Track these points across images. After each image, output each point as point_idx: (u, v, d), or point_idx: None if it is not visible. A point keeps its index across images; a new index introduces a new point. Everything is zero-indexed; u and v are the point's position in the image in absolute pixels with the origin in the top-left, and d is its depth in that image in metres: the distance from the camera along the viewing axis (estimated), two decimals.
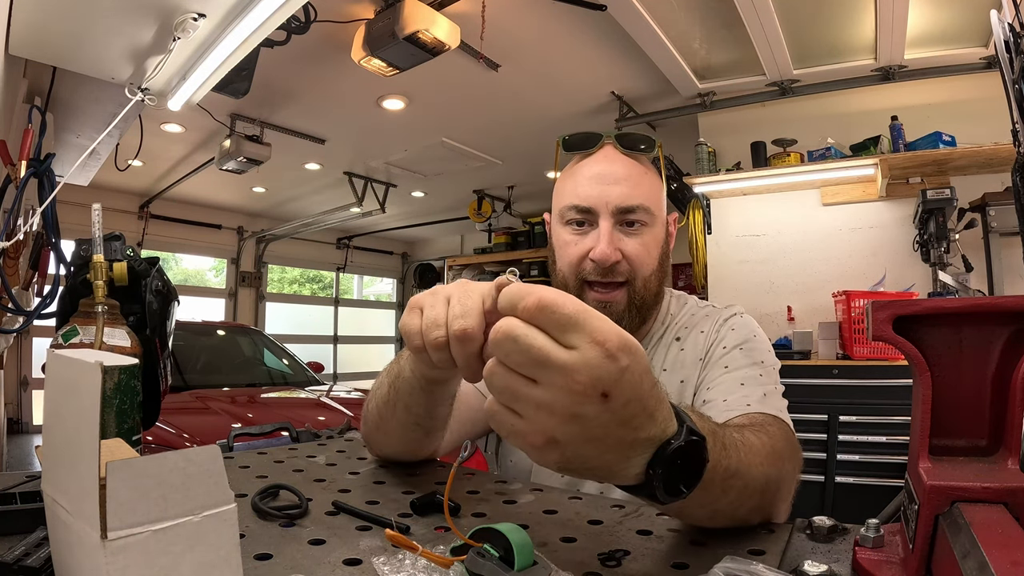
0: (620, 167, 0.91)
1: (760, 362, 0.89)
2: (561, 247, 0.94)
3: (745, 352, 0.90)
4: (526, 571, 0.45)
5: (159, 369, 0.94)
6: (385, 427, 0.80)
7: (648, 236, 0.91)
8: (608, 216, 0.89)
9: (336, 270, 8.92)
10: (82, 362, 0.36)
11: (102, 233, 0.85)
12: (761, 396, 0.82)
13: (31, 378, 5.57)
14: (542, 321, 0.40)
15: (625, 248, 0.89)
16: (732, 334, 0.93)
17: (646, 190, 0.91)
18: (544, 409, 0.40)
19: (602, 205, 0.89)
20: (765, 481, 0.60)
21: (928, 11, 3.00)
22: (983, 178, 3.24)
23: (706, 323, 0.97)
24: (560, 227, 0.95)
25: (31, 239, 1.53)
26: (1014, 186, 1.69)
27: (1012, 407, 0.46)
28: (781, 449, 0.67)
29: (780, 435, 0.72)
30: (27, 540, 0.50)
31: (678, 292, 1.06)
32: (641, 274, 0.90)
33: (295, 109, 4.30)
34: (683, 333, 0.98)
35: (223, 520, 0.36)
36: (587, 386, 0.39)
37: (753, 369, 0.87)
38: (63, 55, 1.60)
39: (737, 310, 0.99)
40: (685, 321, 1.00)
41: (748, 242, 3.90)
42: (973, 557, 0.36)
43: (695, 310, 1.01)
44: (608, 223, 0.89)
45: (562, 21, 3.14)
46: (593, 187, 0.90)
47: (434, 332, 0.54)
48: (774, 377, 0.88)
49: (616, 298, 0.90)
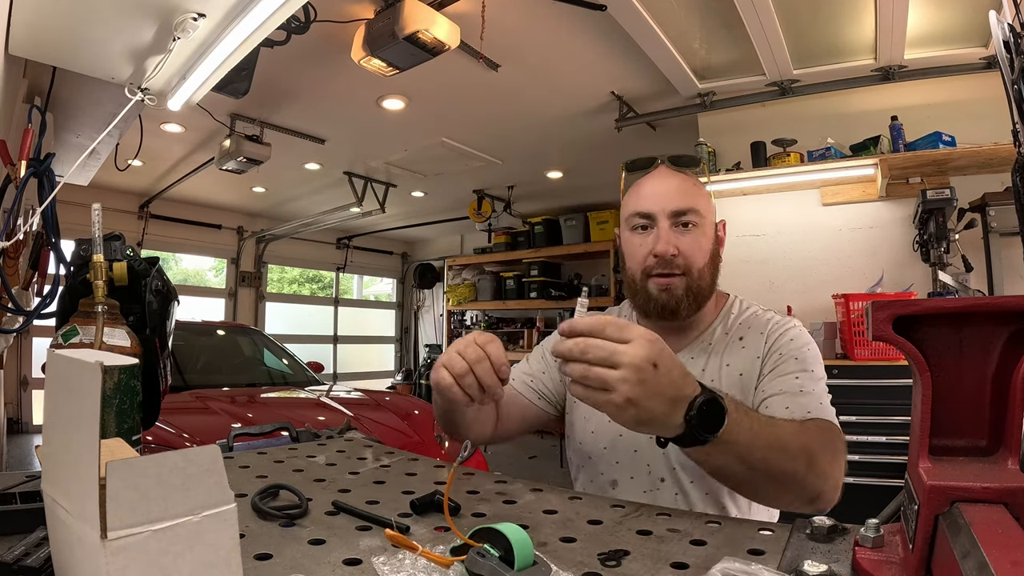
0: (673, 180, 1.11)
1: (812, 370, 1.02)
2: (630, 249, 1.12)
3: (800, 361, 1.03)
4: (526, 571, 0.45)
5: (159, 369, 0.94)
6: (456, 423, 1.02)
7: (699, 234, 1.08)
8: (665, 218, 1.07)
9: (336, 270, 8.92)
10: (82, 362, 0.36)
11: (102, 233, 0.85)
12: (819, 404, 0.96)
13: (31, 378, 5.57)
14: (608, 333, 0.68)
15: (680, 244, 1.06)
16: (790, 343, 1.06)
17: (695, 196, 1.09)
18: (623, 381, 0.65)
19: (659, 210, 1.07)
20: (800, 449, 0.78)
21: (928, 11, 3.00)
22: (983, 178, 3.23)
23: (766, 326, 1.11)
24: (628, 233, 1.12)
25: (31, 239, 1.53)
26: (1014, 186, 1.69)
27: (1012, 407, 0.46)
28: (821, 433, 0.85)
29: (827, 427, 0.89)
30: (27, 540, 0.50)
31: (742, 297, 1.22)
32: (696, 265, 1.07)
33: (295, 109, 4.30)
34: (745, 332, 1.12)
35: (223, 520, 0.36)
36: (645, 359, 0.66)
37: (808, 378, 1.00)
38: (63, 55, 1.60)
39: (796, 322, 1.12)
40: (748, 321, 1.13)
41: (748, 242, 3.90)
42: (973, 557, 0.36)
43: (759, 313, 1.15)
44: (666, 223, 1.07)
45: (562, 21, 3.13)
46: (652, 197, 1.09)
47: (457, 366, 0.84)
48: (824, 387, 1.02)
49: (675, 283, 1.06)
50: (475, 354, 0.85)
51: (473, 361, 0.84)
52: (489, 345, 0.86)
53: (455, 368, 0.84)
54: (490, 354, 0.86)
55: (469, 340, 0.88)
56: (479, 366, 0.84)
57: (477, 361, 0.84)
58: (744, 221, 3.91)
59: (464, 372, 0.84)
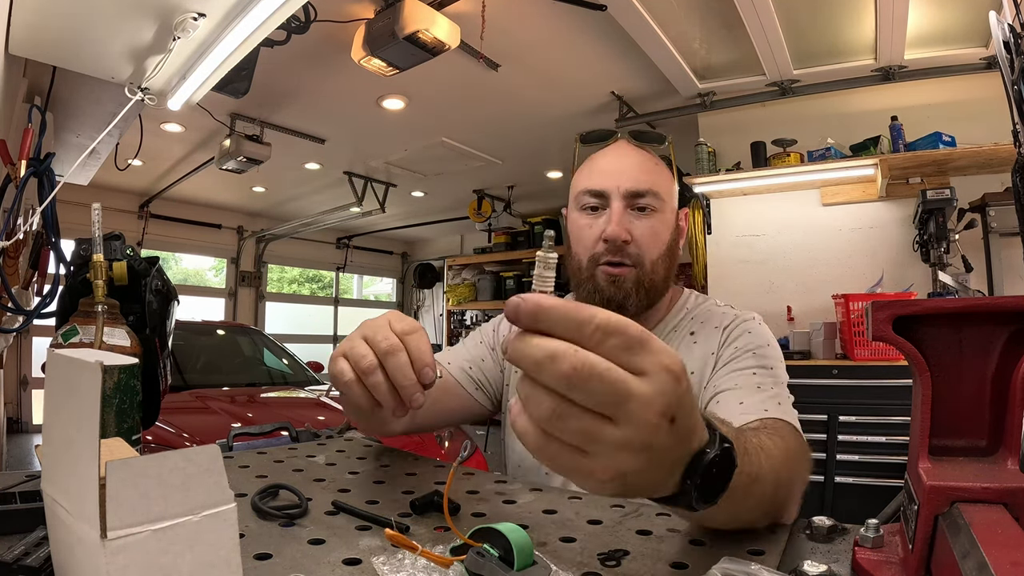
0: (633, 156, 0.97)
1: (772, 368, 0.90)
2: (576, 231, 0.98)
3: (758, 357, 0.91)
4: (526, 571, 0.45)
5: (159, 369, 0.94)
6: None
7: (657, 220, 0.95)
8: (619, 198, 0.93)
9: (336, 270, 8.92)
10: (82, 362, 0.36)
11: (102, 233, 0.85)
12: (777, 404, 0.83)
13: (31, 378, 5.57)
14: (609, 347, 0.36)
15: (634, 230, 0.93)
16: (747, 336, 0.95)
17: (656, 177, 0.96)
18: (622, 447, 0.37)
19: (613, 188, 0.93)
20: (780, 485, 0.59)
21: (928, 11, 3.00)
22: (983, 178, 3.24)
23: (721, 320, 0.99)
24: (576, 213, 0.99)
25: (31, 238, 1.53)
26: (1014, 186, 1.69)
27: (1012, 407, 0.46)
28: (795, 452, 0.68)
29: (793, 439, 0.73)
30: (27, 540, 0.50)
31: (698, 292, 1.09)
32: (649, 256, 0.94)
33: (295, 109, 4.30)
34: (697, 327, 1.00)
35: (223, 520, 0.36)
36: (661, 415, 0.37)
37: (767, 376, 0.88)
38: (63, 55, 1.60)
39: (757, 316, 1.00)
40: (702, 316, 1.01)
41: (748, 242, 3.90)
42: (973, 557, 0.36)
43: (713, 308, 1.03)
44: (619, 204, 0.93)
45: (562, 21, 3.13)
46: (606, 173, 0.96)
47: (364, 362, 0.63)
48: (785, 388, 0.89)
49: (624, 274, 0.93)
50: (388, 343, 0.63)
51: (384, 353, 0.63)
52: (411, 336, 0.65)
53: (359, 361, 0.63)
54: (409, 346, 0.64)
55: (382, 323, 0.66)
56: (392, 360, 0.63)
57: (390, 353, 0.63)
58: (744, 221, 3.92)
59: (370, 368, 0.63)
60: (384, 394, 0.63)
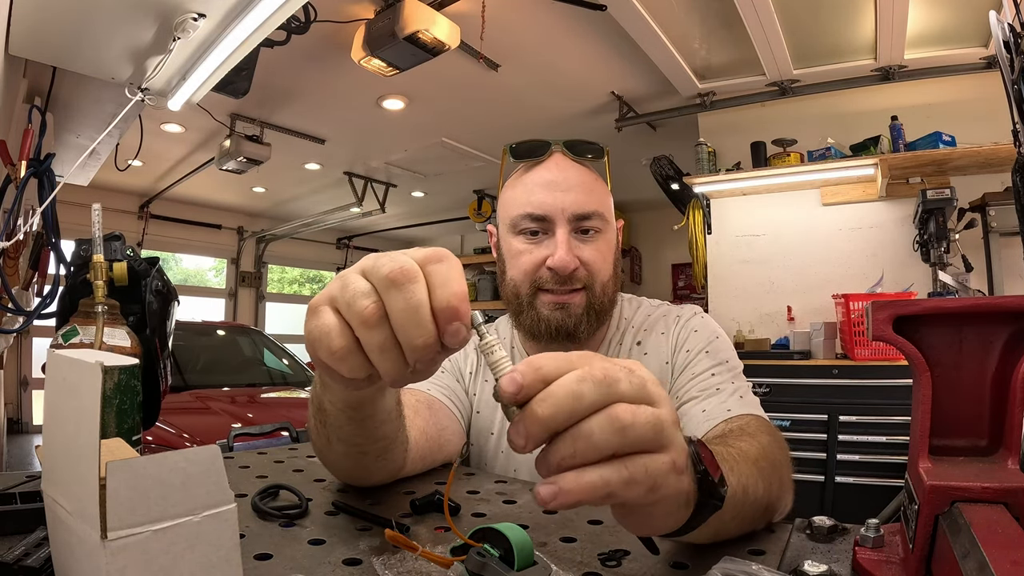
0: (573, 174, 0.90)
1: (726, 361, 0.90)
2: (514, 256, 0.92)
3: (712, 355, 0.90)
4: (526, 571, 0.45)
5: (159, 369, 0.94)
6: (329, 462, 0.71)
7: (603, 242, 0.91)
8: (564, 223, 0.87)
9: (336, 270, 8.92)
10: (82, 362, 0.36)
11: (102, 233, 0.85)
12: (738, 399, 0.82)
13: (31, 378, 5.57)
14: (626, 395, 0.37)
15: (582, 255, 0.88)
16: (695, 336, 0.93)
17: (599, 197, 0.91)
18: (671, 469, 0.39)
19: (558, 212, 0.87)
20: (767, 491, 0.59)
21: (928, 11, 3.00)
22: (983, 178, 3.24)
23: (665, 323, 0.97)
24: (511, 237, 0.92)
25: (31, 239, 1.53)
26: (1014, 186, 1.69)
27: (1012, 407, 0.46)
28: (770, 448, 0.67)
29: (765, 433, 0.72)
30: (27, 540, 0.50)
31: (628, 295, 1.05)
32: (599, 279, 0.90)
33: (295, 109, 4.30)
34: (643, 336, 0.97)
35: (223, 520, 0.36)
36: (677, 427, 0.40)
37: (723, 372, 0.88)
38: (63, 55, 1.60)
39: (696, 310, 0.98)
40: (643, 323, 0.98)
41: (748, 242, 3.90)
42: (973, 557, 0.36)
43: (650, 311, 1.00)
44: (564, 230, 0.87)
45: (562, 21, 3.14)
46: (547, 195, 0.88)
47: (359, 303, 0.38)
48: (742, 376, 0.89)
49: (575, 300, 0.89)
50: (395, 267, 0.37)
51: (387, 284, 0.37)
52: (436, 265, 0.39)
53: (353, 304, 0.37)
54: (432, 279, 0.38)
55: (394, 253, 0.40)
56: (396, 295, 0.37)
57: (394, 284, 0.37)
58: (744, 221, 3.92)
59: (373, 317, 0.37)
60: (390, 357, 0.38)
